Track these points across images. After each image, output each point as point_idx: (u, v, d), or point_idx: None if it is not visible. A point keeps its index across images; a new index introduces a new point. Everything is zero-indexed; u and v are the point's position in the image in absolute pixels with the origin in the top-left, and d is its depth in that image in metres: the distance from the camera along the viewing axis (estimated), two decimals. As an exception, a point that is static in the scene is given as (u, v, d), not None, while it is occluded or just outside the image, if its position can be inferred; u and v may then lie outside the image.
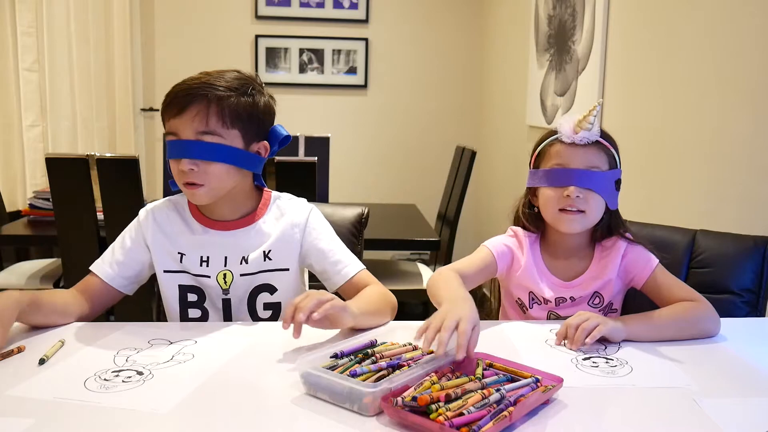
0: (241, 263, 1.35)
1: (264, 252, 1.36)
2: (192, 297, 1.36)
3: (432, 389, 0.91)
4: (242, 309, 1.37)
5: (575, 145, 1.33)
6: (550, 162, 1.36)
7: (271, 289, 1.37)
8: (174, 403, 0.94)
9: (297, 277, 1.41)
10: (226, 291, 1.35)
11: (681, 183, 2.03)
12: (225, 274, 1.35)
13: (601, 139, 1.34)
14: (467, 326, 1.02)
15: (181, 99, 1.27)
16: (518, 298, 1.42)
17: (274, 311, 1.38)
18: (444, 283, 1.27)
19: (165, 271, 1.36)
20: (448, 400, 0.88)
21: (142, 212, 1.40)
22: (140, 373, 1.03)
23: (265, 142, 1.36)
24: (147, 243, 1.37)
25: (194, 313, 1.37)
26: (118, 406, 0.92)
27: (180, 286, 1.36)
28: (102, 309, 1.36)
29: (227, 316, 1.37)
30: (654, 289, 1.35)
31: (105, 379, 1.00)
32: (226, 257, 1.35)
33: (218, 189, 1.30)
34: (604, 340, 1.18)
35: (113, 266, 1.36)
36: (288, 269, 1.38)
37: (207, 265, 1.35)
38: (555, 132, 1.38)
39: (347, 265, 1.38)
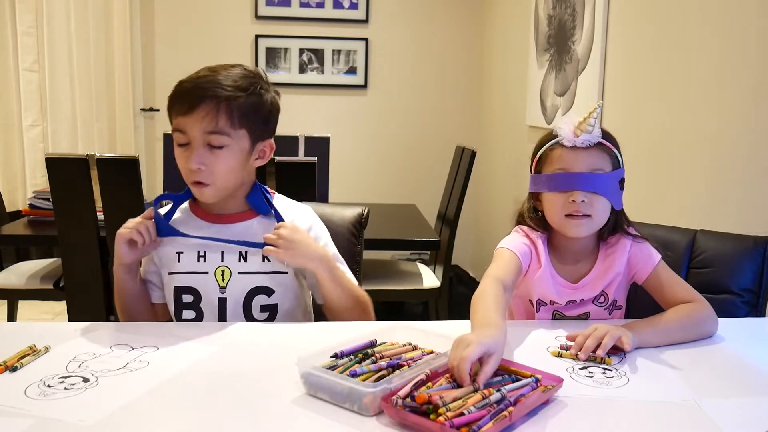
0: (239, 260, 1.36)
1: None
2: (187, 298, 1.36)
3: (447, 400, 0.89)
4: (238, 310, 1.36)
5: (577, 148, 1.30)
6: (552, 167, 1.33)
7: (268, 291, 1.37)
8: (106, 413, 0.89)
9: (294, 280, 1.41)
10: (223, 289, 1.35)
11: (681, 183, 2.03)
12: (223, 271, 1.35)
13: (602, 140, 1.31)
14: (466, 359, 0.95)
15: (190, 98, 1.27)
16: (529, 299, 1.41)
17: (271, 313, 1.38)
18: (481, 304, 1.18)
19: (169, 273, 1.37)
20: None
21: None
22: (86, 380, 0.99)
23: (271, 141, 1.38)
24: (153, 256, 1.40)
25: (188, 314, 1.36)
26: (45, 415, 0.89)
27: (175, 287, 1.36)
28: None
29: (222, 317, 1.36)
30: (655, 286, 1.34)
31: (48, 386, 0.97)
32: (222, 252, 1.36)
33: (224, 188, 1.33)
34: (618, 350, 1.15)
35: (153, 288, 1.43)
36: (286, 272, 1.38)
37: (204, 260, 1.35)
38: (554, 135, 1.34)
39: None
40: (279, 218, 1.38)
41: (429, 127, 4.49)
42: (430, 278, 2.97)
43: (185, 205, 1.41)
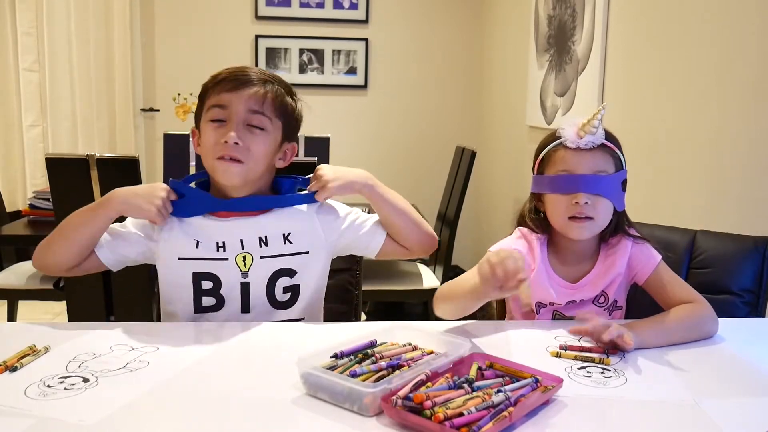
0: (260, 246, 1.36)
1: (284, 234, 1.37)
2: (207, 285, 1.34)
3: (438, 402, 0.90)
4: (260, 293, 1.36)
5: (580, 150, 1.30)
6: (555, 168, 1.32)
7: (291, 272, 1.37)
8: (106, 413, 0.89)
9: (315, 259, 1.41)
10: (245, 274, 1.35)
11: (681, 183, 2.03)
12: (245, 257, 1.35)
13: (606, 142, 1.31)
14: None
15: (241, 77, 1.33)
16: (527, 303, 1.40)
17: (293, 294, 1.38)
18: (453, 282, 1.22)
19: (180, 258, 1.35)
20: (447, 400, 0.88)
21: None
22: (86, 380, 0.99)
23: (294, 144, 1.43)
24: (153, 233, 1.36)
25: (209, 301, 1.35)
26: (45, 415, 0.88)
27: (194, 273, 1.34)
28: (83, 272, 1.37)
29: (245, 301, 1.35)
30: (656, 287, 1.34)
31: (48, 386, 0.97)
32: (242, 240, 1.35)
33: (252, 171, 1.35)
34: (617, 350, 1.15)
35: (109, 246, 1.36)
36: (308, 252, 1.39)
37: (224, 250, 1.35)
38: (557, 136, 1.33)
39: (370, 218, 1.47)
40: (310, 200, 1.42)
41: (429, 127, 4.49)
42: (430, 278, 2.97)
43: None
